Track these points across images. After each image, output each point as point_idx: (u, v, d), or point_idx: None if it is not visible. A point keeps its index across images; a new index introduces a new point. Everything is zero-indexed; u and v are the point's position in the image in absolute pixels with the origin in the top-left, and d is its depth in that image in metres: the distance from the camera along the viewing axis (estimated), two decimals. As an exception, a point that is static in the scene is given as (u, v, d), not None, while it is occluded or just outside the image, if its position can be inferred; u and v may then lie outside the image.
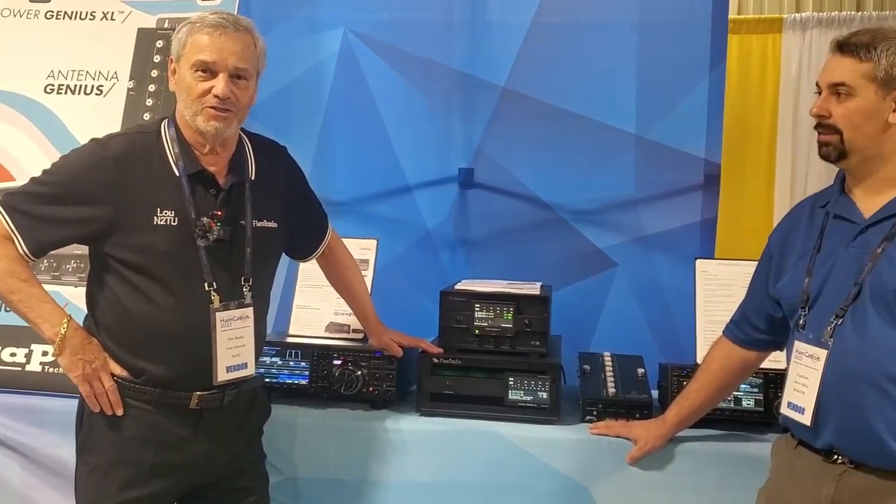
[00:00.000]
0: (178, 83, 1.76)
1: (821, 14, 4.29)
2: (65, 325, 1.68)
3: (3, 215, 1.67)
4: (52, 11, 2.71)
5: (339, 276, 2.17)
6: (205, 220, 1.72)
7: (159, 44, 2.63)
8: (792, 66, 4.17)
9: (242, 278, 1.77)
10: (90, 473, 1.72)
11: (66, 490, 1.81)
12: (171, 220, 1.70)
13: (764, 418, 2.07)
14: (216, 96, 1.70)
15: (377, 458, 2.07)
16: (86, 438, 1.75)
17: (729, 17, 3.10)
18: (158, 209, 1.70)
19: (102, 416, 1.71)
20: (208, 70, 1.70)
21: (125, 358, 1.72)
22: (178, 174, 1.73)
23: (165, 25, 2.64)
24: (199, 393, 1.73)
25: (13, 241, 1.66)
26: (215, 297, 1.72)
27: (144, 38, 2.66)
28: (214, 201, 1.75)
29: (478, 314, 2.18)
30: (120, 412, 1.70)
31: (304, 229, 2.03)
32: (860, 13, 4.32)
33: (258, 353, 1.85)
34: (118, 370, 1.71)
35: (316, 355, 2.20)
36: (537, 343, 2.16)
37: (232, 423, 1.81)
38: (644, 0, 2.91)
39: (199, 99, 1.71)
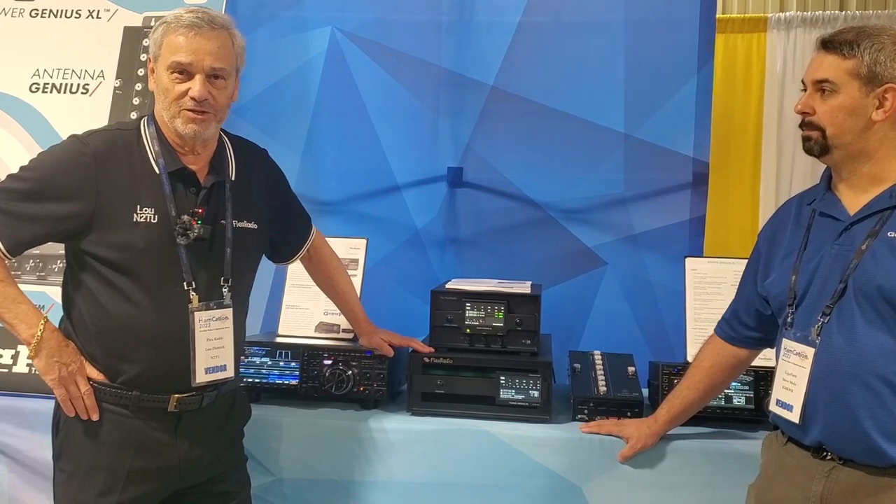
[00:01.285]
0: (156, 84, 1.74)
1: (805, 13, 4.33)
2: (41, 327, 1.66)
3: None
4: (37, 9, 2.68)
5: (326, 277, 2.16)
6: (185, 217, 1.70)
7: (146, 42, 2.60)
8: (777, 64, 4.20)
9: (222, 279, 1.76)
10: (67, 480, 1.70)
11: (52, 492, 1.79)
12: (150, 217, 1.68)
13: (754, 416, 2.08)
14: (193, 98, 1.68)
15: (368, 458, 2.06)
16: (62, 444, 1.73)
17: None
18: (138, 206, 1.68)
19: (79, 422, 1.69)
20: (184, 71, 1.69)
21: (102, 359, 1.69)
22: (158, 171, 1.71)
23: (152, 23, 2.60)
24: (176, 395, 1.71)
25: None
26: (194, 297, 1.70)
27: (131, 37, 2.65)
28: (195, 199, 1.74)
29: (469, 313, 2.18)
30: (95, 417, 1.68)
31: (286, 232, 2.02)
32: (843, 12, 4.36)
33: (238, 356, 1.83)
34: (94, 374, 1.69)
35: (306, 355, 2.20)
36: (528, 342, 2.16)
37: (211, 426, 1.79)
38: (632, -1, 2.91)
39: (176, 101, 1.69)
